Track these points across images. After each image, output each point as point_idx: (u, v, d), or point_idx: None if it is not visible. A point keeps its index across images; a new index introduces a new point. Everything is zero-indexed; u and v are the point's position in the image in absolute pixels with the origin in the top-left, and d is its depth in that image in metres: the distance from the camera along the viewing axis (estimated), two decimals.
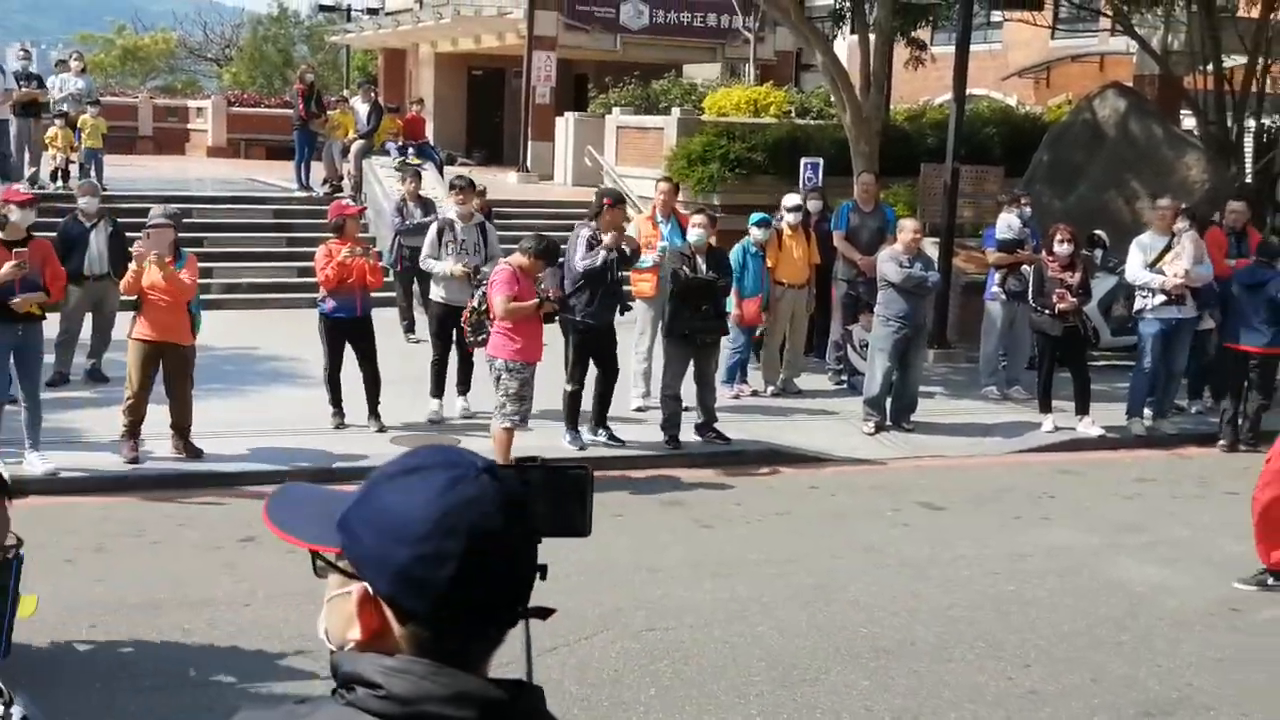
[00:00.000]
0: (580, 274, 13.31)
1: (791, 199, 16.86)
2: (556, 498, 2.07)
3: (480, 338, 12.80)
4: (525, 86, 35.23)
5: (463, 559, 1.90)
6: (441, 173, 26.42)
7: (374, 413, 13.91)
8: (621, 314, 14.09)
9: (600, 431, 13.78)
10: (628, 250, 13.67)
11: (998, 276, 16.75)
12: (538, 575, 2.01)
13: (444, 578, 1.89)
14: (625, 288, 14.51)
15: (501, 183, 29.99)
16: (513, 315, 12.11)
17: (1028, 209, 17.51)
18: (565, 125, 32.85)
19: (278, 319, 20.02)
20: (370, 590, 1.95)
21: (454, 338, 14.41)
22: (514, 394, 12.22)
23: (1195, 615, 9.69)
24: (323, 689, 6.66)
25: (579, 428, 13.62)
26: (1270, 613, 9.82)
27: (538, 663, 2.07)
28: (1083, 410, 15.19)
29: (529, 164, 34.04)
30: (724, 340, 14.72)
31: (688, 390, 13.96)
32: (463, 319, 13.26)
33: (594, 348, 13.54)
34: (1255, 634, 9.40)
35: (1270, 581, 10.20)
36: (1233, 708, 8.04)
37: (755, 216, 16.14)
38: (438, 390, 14.69)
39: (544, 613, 2.03)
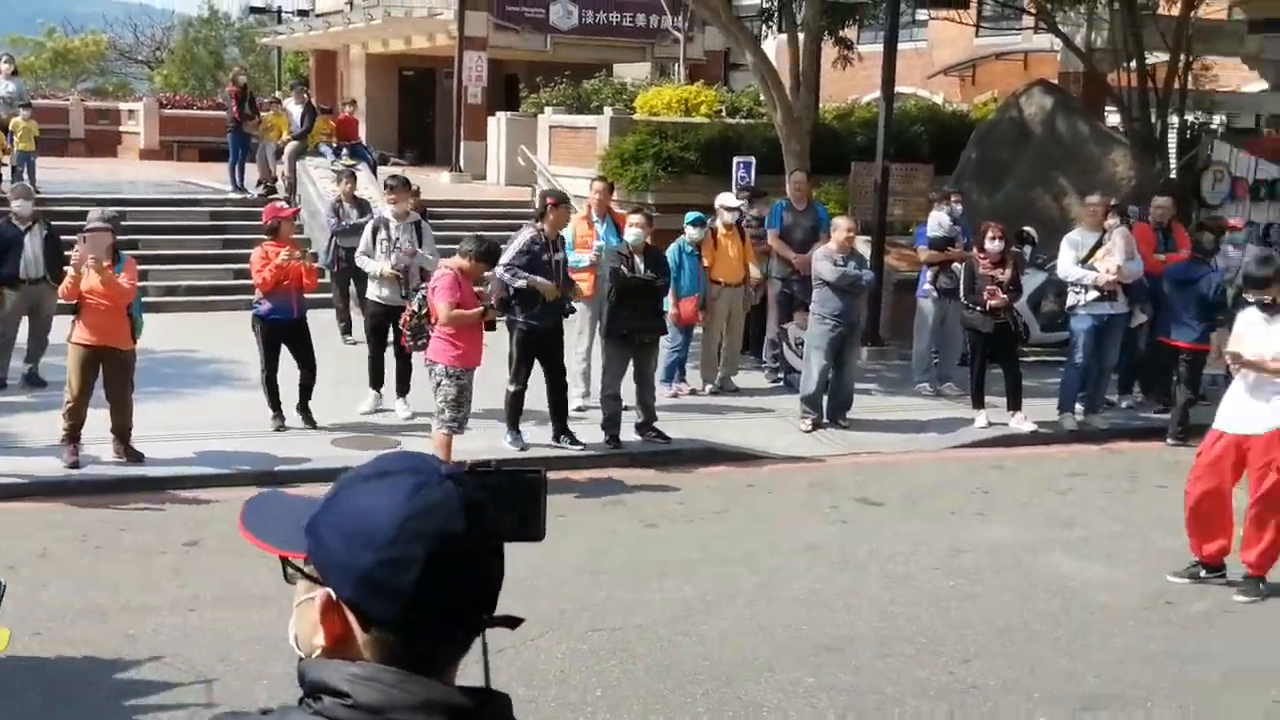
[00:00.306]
0: (499, 278, 13.31)
1: (728, 198, 16.97)
2: (511, 502, 2.10)
3: (420, 342, 12.79)
4: (456, 87, 35.22)
5: (427, 563, 1.91)
6: (375, 173, 26.38)
7: (303, 408, 13.97)
8: (566, 315, 14.08)
9: (563, 438, 13.77)
10: (547, 299, 13.52)
11: (929, 274, 16.90)
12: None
13: (409, 582, 1.91)
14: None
15: (434, 183, 29.94)
16: (457, 323, 12.10)
17: (958, 207, 17.65)
18: (497, 125, 32.87)
19: (216, 321, 19.91)
20: (334, 596, 1.96)
21: (390, 337, 14.43)
22: (453, 400, 12.19)
23: (1129, 609, 9.86)
24: (270, 693, 6.65)
25: (520, 428, 13.65)
26: (1203, 605, 9.99)
27: None
28: (1015, 406, 15.35)
29: (462, 164, 34.09)
30: (662, 339, 14.79)
31: (627, 389, 14.03)
32: (401, 323, 13.24)
33: (538, 349, 13.52)
34: (1189, 627, 9.58)
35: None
36: (1167, 699, 8.19)
37: (690, 216, 16.22)
38: (376, 382, 14.74)
39: (512, 621, 2.04)
